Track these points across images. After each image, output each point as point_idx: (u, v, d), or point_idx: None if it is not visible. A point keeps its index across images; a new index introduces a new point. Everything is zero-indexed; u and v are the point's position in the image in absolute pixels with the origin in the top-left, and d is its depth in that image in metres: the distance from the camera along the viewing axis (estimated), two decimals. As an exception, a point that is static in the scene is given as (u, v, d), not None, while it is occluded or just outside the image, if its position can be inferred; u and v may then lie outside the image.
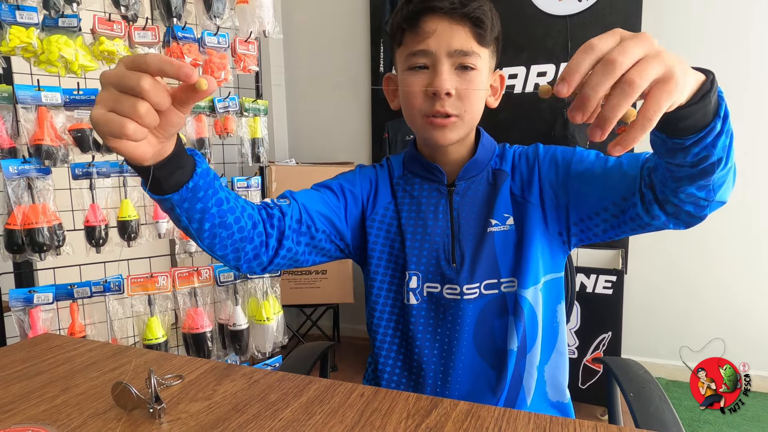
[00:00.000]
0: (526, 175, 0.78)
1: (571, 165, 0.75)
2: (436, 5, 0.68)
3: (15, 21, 1.23)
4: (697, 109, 0.46)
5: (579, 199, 0.73)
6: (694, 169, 0.52)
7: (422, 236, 0.79)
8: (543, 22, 2.15)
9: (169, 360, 0.76)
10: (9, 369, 0.74)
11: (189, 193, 0.57)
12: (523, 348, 0.77)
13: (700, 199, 0.57)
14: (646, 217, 0.64)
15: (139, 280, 1.52)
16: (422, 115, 0.72)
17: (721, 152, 0.50)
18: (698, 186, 0.55)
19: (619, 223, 0.69)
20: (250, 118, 1.70)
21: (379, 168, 0.87)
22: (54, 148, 1.33)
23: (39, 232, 1.32)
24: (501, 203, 0.77)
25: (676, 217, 0.62)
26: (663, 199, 0.61)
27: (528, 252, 0.76)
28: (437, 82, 0.68)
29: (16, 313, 1.36)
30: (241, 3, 1.60)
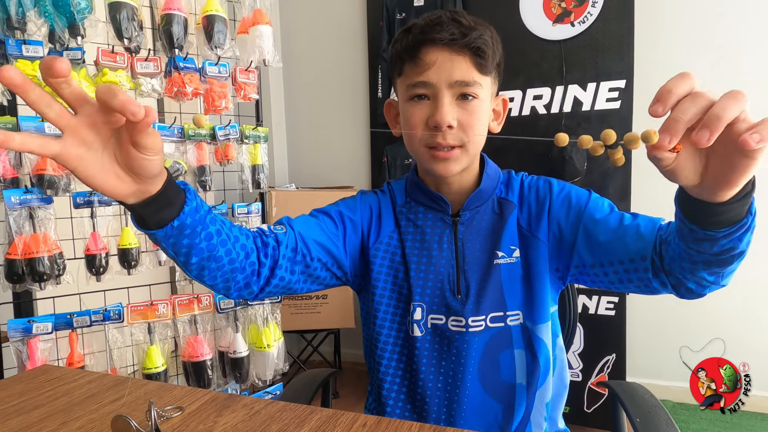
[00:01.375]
0: (535, 209, 0.77)
1: (585, 210, 0.73)
2: (436, 37, 0.68)
3: (21, 55, 1.26)
4: (738, 206, 0.48)
5: (587, 246, 0.72)
6: (715, 257, 0.54)
7: (427, 266, 0.77)
8: (538, 47, 2.19)
9: (169, 391, 0.75)
10: (6, 403, 0.73)
11: (174, 231, 0.56)
12: (533, 383, 0.75)
13: (707, 282, 0.59)
14: (654, 282, 0.65)
15: (139, 308, 1.51)
16: (424, 146, 0.72)
17: (746, 246, 0.52)
18: (711, 272, 0.57)
19: (624, 279, 0.69)
20: (251, 145, 1.72)
21: (381, 194, 0.85)
22: (56, 178, 1.35)
23: (39, 261, 1.32)
24: (507, 235, 0.76)
25: (676, 289, 0.63)
26: (668, 271, 0.62)
27: (540, 289, 0.75)
28: (438, 115, 0.68)
29: (14, 344, 1.35)
30: (241, 33, 1.64)
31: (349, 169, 2.68)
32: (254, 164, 1.72)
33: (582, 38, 2.13)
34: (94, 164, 0.46)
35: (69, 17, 1.31)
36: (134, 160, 0.47)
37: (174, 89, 1.52)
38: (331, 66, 2.67)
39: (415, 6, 2.38)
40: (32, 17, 1.27)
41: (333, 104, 2.69)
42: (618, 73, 2.09)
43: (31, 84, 0.41)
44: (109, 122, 0.46)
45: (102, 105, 0.44)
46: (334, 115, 2.69)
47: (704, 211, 0.49)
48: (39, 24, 1.28)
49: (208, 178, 1.61)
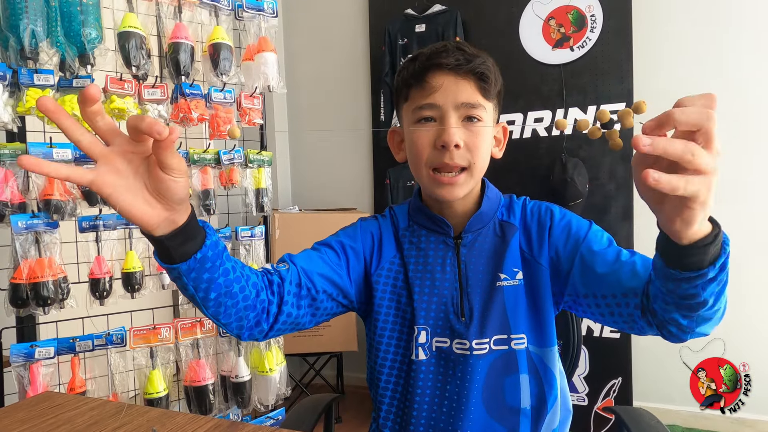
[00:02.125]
0: (537, 234, 0.78)
1: (584, 240, 0.74)
2: (443, 62, 0.71)
3: (33, 83, 1.29)
4: (698, 253, 0.49)
5: (582, 277, 0.73)
6: (682, 300, 0.55)
7: (430, 289, 0.78)
8: (538, 70, 2.23)
9: (172, 418, 0.75)
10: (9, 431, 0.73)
11: (197, 264, 0.57)
12: (541, 409, 0.75)
13: (684, 326, 0.59)
14: (637, 320, 0.66)
15: (142, 332, 1.51)
16: (430, 169, 0.73)
17: (709, 296, 0.53)
18: (683, 315, 0.57)
19: (615, 313, 0.69)
20: (255, 169, 1.74)
21: (382, 219, 0.86)
22: (62, 203, 1.36)
23: (44, 286, 1.33)
24: (510, 257, 0.77)
25: (660, 330, 0.64)
26: (652, 310, 0.62)
27: (545, 314, 0.76)
28: (446, 135, 0.70)
29: (16, 369, 1.35)
30: (246, 60, 1.68)
31: (352, 192, 2.70)
32: (258, 188, 1.74)
33: (581, 62, 2.17)
34: (126, 191, 0.50)
35: (80, 47, 1.35)
36: (162, 182, 0.50)
37: (180, 115, 1.54)
38: (333, 90, 2.71)
39: (417, 32, 2.43)
40: (44, 47, 1.30)
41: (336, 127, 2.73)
42: (617, 96, 2.11)
43: (64, 111, 0.45)
44: (138, 152, 0.49)
45: (132, 131, 0.48)
46: (337, 138, 2.73)
47: (670, 249, 0.50)
48: (51, 54, 1.32)
49: (212, 201, 1.63)
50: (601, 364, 1.88)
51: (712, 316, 0.57)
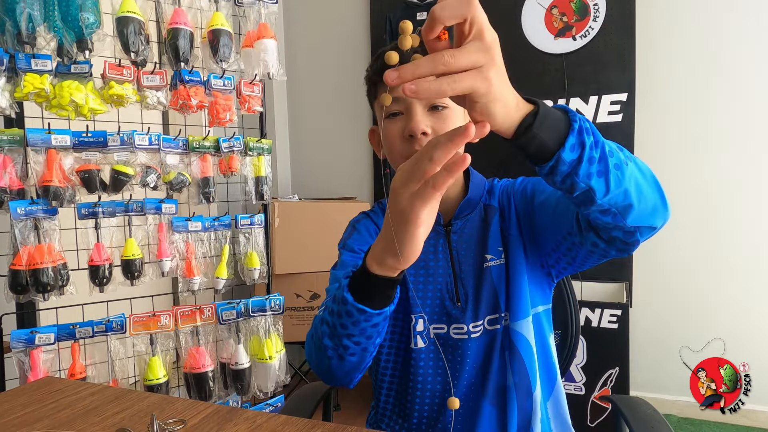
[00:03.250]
0: (507, 208, 0.80)
1: (535, 195, 0.76)
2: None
3: (30, 68, 1.28)
4: (527, 141, 0.47)
5: (542, 229, 0.74)
6: (573, 197, 0.53)
7: (425, 278, 0.79)
8: (540, 60, 2.21)
9: (171, 404, 0.75)
10: (10, 415, 0.73)
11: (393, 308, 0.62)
12: (524, 384, 0.76)
13: (617, 226, 0.56)
14: (586, 245, 0.64)
15: (142, 319, 1.52)
16: (402, 158, 0.73)
17: (588, 180, 0.50)
18: (597, 212, 0.54)
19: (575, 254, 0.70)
20: (254, 157, 1.73)
21: (374, 216, 0.87)
22: (61, 189, 1.36)
23: (44, 272, 1.33)
24: (493, 238, 0.79)
25: (612, 243, 0.60)
26: (594, 227, 0.60)
27: (517, 285, 0.76)
28: (411, 124, 0.71)
29: (17, 354, 1.35)
30: (246, 47, 1.66)
31: (352, 181, 2.70)
32: (258, 176, 1.73)
33: (584, 52, 2.15)
34: None
35: (78, 32, 1.34)
36: None
37: (179, 102, 1.53)
38: (333, 78, 2.69)
39: (419, 20, 2.41)
40: (42, 32, 1.29)
41: (336, 116, 2.71)
42: (620, 86, 2.10)
43: None
44: None
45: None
46: (337, 126, 2.71)
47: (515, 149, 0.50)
48: (48, 39, 1.30)
49: (212, 189, 1.62)
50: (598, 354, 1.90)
51: (630, 200, 0.53)
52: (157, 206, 1.55)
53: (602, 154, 0.50)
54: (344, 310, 0.60)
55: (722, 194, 2.04)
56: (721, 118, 2.03)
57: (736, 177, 2.02)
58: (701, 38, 2.04)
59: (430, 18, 0.42)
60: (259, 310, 1.68)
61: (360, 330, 0.61)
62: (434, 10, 0.41)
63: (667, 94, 2.09)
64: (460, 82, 0.41)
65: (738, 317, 2.04)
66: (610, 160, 0.50)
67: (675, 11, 2.06)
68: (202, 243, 1.66)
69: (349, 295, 0.59)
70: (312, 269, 2.27)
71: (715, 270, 2.07)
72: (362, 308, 0.58)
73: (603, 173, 0.50)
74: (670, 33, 2.08)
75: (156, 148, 1.52)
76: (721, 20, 2.01)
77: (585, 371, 1.92)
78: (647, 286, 2.16)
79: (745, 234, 2.01)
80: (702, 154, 2.05)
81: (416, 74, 0.41)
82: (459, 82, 0.41)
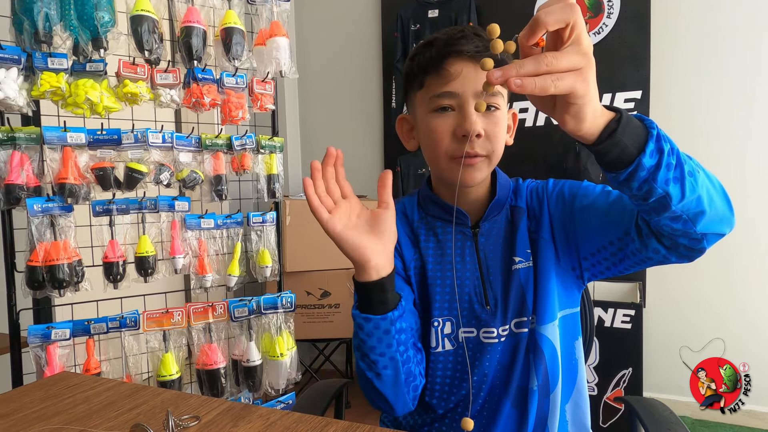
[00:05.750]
0: (538, 211, 0.79)
1: (576, 199, 0.75)
2: (462, 49, 0.69)
3: (47, 67, 1.29)
4: (610, 147, 0.48)
5: (585, 233, 0.73)
6: (647, 203, 0.53)
7: (452, 281, 0.78)
8: (552, 58, 2.19)
9: (186, 400, 0.76)
10: (28, 409, 0.74)
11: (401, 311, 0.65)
12: (545, 387, 0.76)
13: (686, 232, 0.56)
14: (645, 251, 0.63)
15: (155, 316, 1.53)
16: (449, 157, 0.72)
17: (665, 186, 0.50)
18: (669, 218, 0.54)
19: (623, 257, 0.69)
20: (266, 155, 1.74)
21: None
22: (77, 186, 1.37)
23: (59, 268, 1.34)
24: (521, 240, 0.77)
25: (675, 250, 0.60)
26: (657, 232, 0.60)
27: (545, 288, 0.75)
28: (467, 124, 0.68)
29: (33, 349, 1.37)
30: (258, 45, 1.66)
31: (363, 179, 2.69)
32: (270, 174, 1.74)
33: (597, 49, 2.12)
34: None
35: (93, 31, 1.35)
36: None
37: (192, 100, 1.54)
38: (345, 76, 2.69)
39: (430, 17, 2.40)
40: (58, 31, 1.30)
41: (347, 114, 2.71)
42: (634, 83, 2.08)
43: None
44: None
45: None
46: (348, 124, 2.71)
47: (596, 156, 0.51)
48: (64, 37, 1.32)
49: (224, 187, 1.63)
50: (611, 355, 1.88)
51: (702, 207, 0.53)
52: (170, 204, 1.57)
53: (678, 161, 0.51)
54: (357, 325, 0.65)
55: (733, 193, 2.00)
56: (735, 116, 1.99)
57: (748, 176, 1.99)
58: (718, 35, 2.01)
59: (534, 23, 0.43)
60: (271, 308, 1.69)
61: (377, 339, 0.63)
62: (539, 15, 0.43)
63: (682, 91, 2.06)
64: (563, 81, 0.43)
65: (738, 317, 2.01)
66: (685, 167, 0.51)
67: (691, 7, 2.03)
68: (215, 240, 1.67)
69: (354, 310, 0.65)
70: (323, 267, 2.27)
71: (715, 270, 2.05)
72: (366, 317, 0.63)
73: (679, 179, 0.51)
74: (685, 29, 2.05)
75: (169, 146, 1.53)
76: (738, 16, 1.97)
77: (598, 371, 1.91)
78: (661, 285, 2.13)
79: (745, 235, 1.98)
80: (715, 153, 2.02)
81: (520, 73, 0.42)
82: (562, 80, 0.42)
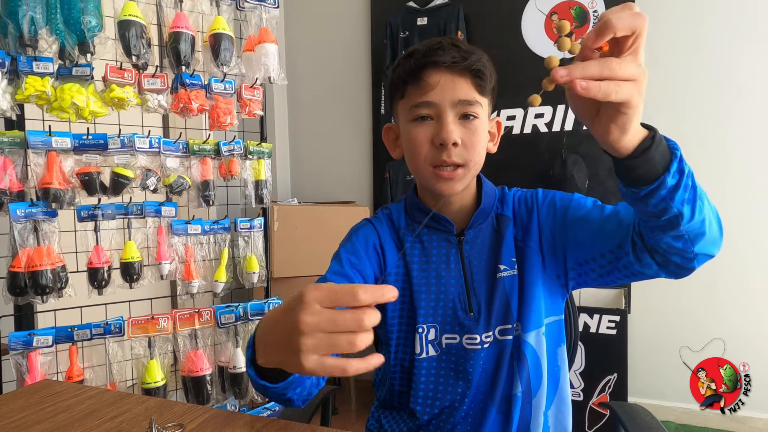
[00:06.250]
0: (526, 220, 0.80)
1: (569, 210, 0.76)
2: (439, 60, 0.71)
3: (32, 71, 1.28)
4: (641, 163, 0.50)
5: (575, 244, 0.74)
6: (658, 220, 0.55)
7: (437, 287, 0.79)
8: (540, 66, 2.22)
9: (170, 407, 0.75)
10: (7, 418, 0.73)
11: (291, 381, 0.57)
12: (528, 393, 0.76)
13: (682, 251, 0.58)
14: (637, 265, 0.65)
15: (140, 322, 1.51)
16: (429, 166, 0.73)
17: (680, 206, 0.52)
18: (672, 237, 0.57)
19: (613, 269, 0.70)
20: (254, 161, 1.73)
21: (378, 224, 0.84)
22: (61, 191, 1.36)
23: (42, 274, 1.32)
24: (506, 248, 0.78)
25: (666, 267, 0.63)
26: (651, 248, 0.62)
27: (530, 296, 0.76)
28: (443, 133, 0.70)
29: (14, 357, 1.35)
30: (247, 51, 1.66)
31: (351, 185, 2.70)
32: (258, 179, 1.74)
33: (583, 58, 2.16)
34: None
35: (79, 35, 1.34)
36: None
37: (180, 105, 1.54)
38: (334, 82, 2.70)
39: (419, 25, 2.42)
40: (44, 35, 1.29)
41: (336, 120, 2.72)
42: (618, 93, 2.11)
43: None
44: None
45: None
46: (337, 130, 2.72)
47: (620, 167, 0.52)
48: (50, 41, 1.31)
49: (212, 192, 1.63)
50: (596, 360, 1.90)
51: (704, 229, 0.56)
52: (157, 209, 1.55)
53: (693, 183, 0.53)
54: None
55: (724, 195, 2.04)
56: (720, 124, 2.04)
57: (737, 179, 2.03)
58: (701, 44, 2.05)
59: (603, 27, 0.43)
60: (258, 314, 1.68)
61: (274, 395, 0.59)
62: (610, 19, 0.43)
63: (665, 100, 2.10)
64: (622, 89, 0.43)
65: (738, 317, 2.04)
66: (697, 189, 0.53)
67: (675, 17, 2.08)
68: (202, 246, 1.66)
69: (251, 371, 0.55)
70: (311, 273, 2.27)
71: (715, 270, 2.07)
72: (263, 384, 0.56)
73: (691, 201, 0.53)
74: (670, 38, 2.09)
75: (156, 151, 1.52)
76: (722, 25, 2.02)
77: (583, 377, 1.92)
78: (646, 292, 2.16)
79: (745, 236, 2.02)
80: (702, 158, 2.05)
81: (585, 74, 0.43)
82: (622, 88, 0.43)
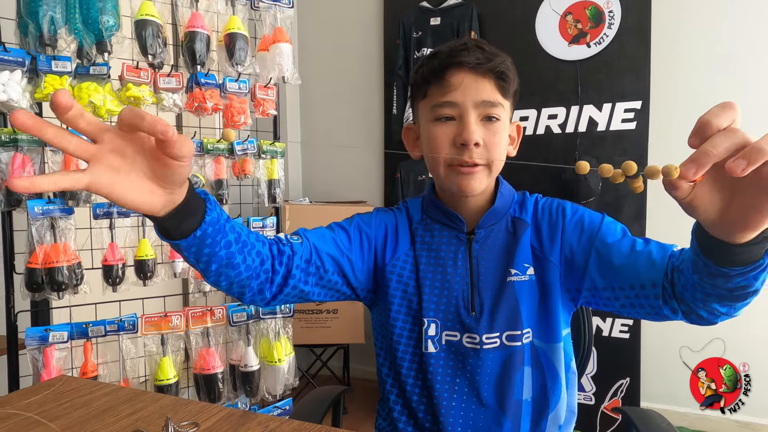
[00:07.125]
0: (548, 231, 0.79)
1: (598, 234, 0.75)
2: (463, 60, 0.71)
3: (51, 70, 1.30)
4: (755, 249, 0.49)
5: (599, 270, 0.73)
6: (729, 293, 0.55)
7: (441, 283, 0.79)
8: (553, 67, 2.21)
9: (185, 406, 0.76)
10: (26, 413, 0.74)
11: (196, 240, 0.57)
12: (544, 405, 0.76)
13: (719, 312, 0.60)
14: (665, 309, 0.66)
15: (153, 320, 1.53)
16: (447, 165, 0.74)
17: (760, 285, 0.53)
18: (723, 304, 0.58)
19: (635, 304, 0.70)
20: (268, 160, 1.74)
21: (398, 212, 0.86)
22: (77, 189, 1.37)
23: (59, 271, 1.34)
24: (521, 253, 0.78)
25: (687, 315, 0.64)
26: (680, 298, 0.63)
27: (553, 310, 0.76)
28: (466, 133, 0.70)
29: (31, 352, 1.37)
30: (261, 51, 1.67)
31: (363, 185, 2.70)
32: (270, 179, 1.74)
33: (598, 59, 2.14)
34: (124, 186, 0.47)
35: (97, 34, 1.35)
36: (168, 167, 0.48)
37: (195, 104, 1.55)
38: (346, 82, 2.70)
39: (432, 25, 2.42)
40: (63, 34, 1.31)
41: (348, 120, 2.72)
42: (634, 93, 2.09)
43: (43, 123, 0.42)
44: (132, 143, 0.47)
45: (127, 128, 0.45)
46: (349, 130, 2.72)
47: (720, 249, 0.49)
48: (69, 41, 1.32)
49: (225, 191, 1.63)
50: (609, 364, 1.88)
51: (751, 298, 0.57)
52: (171, 207, 1.57)
53: None
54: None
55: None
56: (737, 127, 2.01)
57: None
58: (719, 46, 2.02)
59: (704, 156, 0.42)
60: (269, 313, 1.68)
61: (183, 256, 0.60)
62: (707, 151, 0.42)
63: (683, 102, 2.07)
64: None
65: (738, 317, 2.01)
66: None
67: (691, 17, 2.05)
68: (214, 244, 1.67)
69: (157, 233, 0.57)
70: (322, 272, 2.27)
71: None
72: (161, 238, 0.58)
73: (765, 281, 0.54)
74: (686, 40, 2.06)
75: (171, 150, 1.53)
76: (740, 27, 1.99)
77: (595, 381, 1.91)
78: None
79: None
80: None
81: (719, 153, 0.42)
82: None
